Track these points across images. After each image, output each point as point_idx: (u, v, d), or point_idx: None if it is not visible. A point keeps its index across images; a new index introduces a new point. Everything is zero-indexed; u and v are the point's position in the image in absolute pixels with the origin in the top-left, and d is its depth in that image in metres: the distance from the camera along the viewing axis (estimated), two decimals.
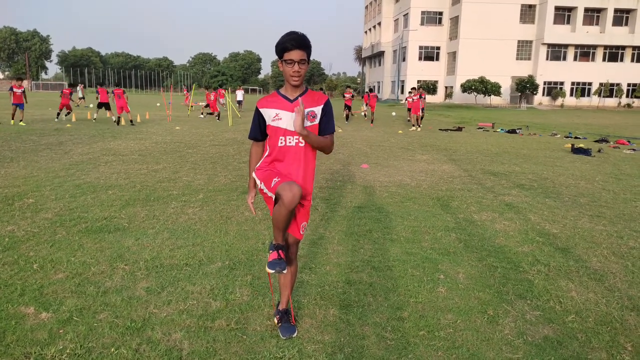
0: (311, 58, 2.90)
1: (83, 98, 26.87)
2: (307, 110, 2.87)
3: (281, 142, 2.88)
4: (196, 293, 3.62)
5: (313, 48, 2.84)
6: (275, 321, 3.13)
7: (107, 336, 2.98)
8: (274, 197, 2.81)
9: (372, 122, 23.08)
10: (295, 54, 2.72)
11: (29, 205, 6.02)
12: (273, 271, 2.85)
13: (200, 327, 3.11)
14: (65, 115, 21.15)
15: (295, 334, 3.04)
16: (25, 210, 5.78)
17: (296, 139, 2.88)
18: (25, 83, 18.56)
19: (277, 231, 2.93)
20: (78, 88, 27.01)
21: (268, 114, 2.89)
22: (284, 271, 2.89)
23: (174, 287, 3.73)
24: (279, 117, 2.86)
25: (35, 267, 4.02)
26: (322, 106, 2.93)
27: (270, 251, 2.97)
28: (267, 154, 2.98)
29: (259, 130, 2.96)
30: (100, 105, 20.23)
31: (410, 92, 21.80)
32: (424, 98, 21.64)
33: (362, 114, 28.54)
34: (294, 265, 3.16)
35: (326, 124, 2.94)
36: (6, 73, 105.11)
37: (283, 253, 2.94)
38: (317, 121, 2.92)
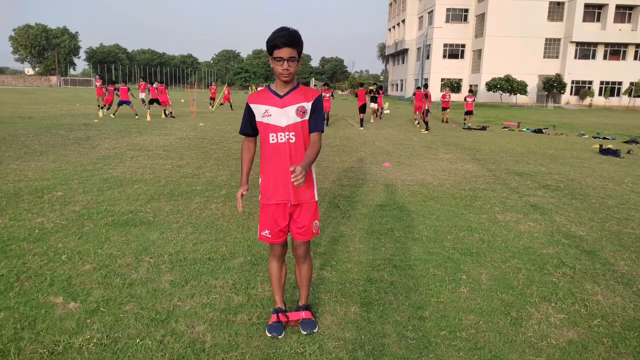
0: (334, 56, 2.90)
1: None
2: (297, 105, 2.83)
3: (272, 139, 2.84)
4: (219, 287, 3.67)
5: (336, 46, 2.97)
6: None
7: (133, 327, 3.05)
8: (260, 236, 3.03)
9: (379, 117, 24.50)
10: (284, 52, 2.66)
11: (58, 198, 6.18)
12: (270, 335, 2.97)
13: (223, 321, 3.16)
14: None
15: (316, 330, 3.06)
16: (54, 203, 5.94)
17: (287, 135, 2.83)
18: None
19: (274, 291, 3.18)
20: (155, 84, 27.65)
21: (258, 109, 2.86)
22: (280, 337, 2.98)
23: (198, 280, 3.79)
24: (269, 114, 2.82)
25: (64, 259, 4.13)
26: (312, 102, 2.87)
27: (272, 314, 3.11)
28: (263, 154, 2.93)
29: (250, 126, 2.94)
30: (151, 101, 21.84)
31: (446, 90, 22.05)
32: (429, 97, 20.62)
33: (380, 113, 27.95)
34: (307, 263, 3.11)
35: (315, 122, 2.87)
36: (36, 69, 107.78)
37: (283, 316, 3.07)
38: (306, 117, 2.86)
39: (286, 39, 2.65)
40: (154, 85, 22.34)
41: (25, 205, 5.80)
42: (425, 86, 21.34)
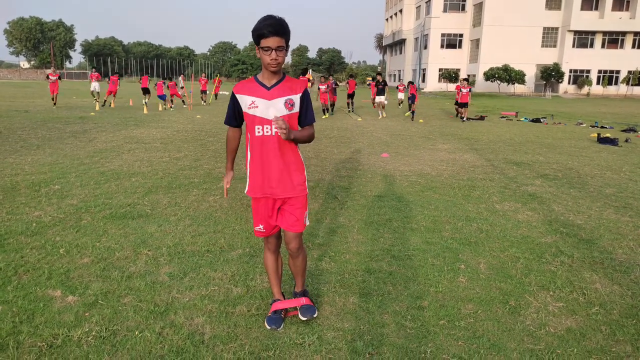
0: (331, 46, 2.85)
1: (183, 87, 27.05)
2: (285, 97, 2.77)
3: (258, 132, 2.78)
4: (217, 279, 3.67)
5: (333, 36, 2.88)
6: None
7: (132, 319, 3.04)
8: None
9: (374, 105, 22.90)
10: (272, 41, 2.58)
11: (55, 192, 6.16)
12: (269, 327, 2.98)
13: (222, 313, 3.16)
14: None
15: (315, 315, 3.06)
16: (51, 197, 5.92)
17: (274, 127, 2.77)
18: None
19: (272, 284, 3.19)
20: (180, 78, 27.51)
21: (244, 100, 2.78)
22: (279, 328, 2.97)
23: (196, 273, 3.78)
24: (255, 105, 2.75)
25: (62, 252, 4.12)
26: (300, 94, 2.81)
27: (271, 305, 3.12)
28: (249, 145, 2.88)
29: (234, 116, 2.88)
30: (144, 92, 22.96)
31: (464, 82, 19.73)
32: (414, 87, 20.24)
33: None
34: (301, 256, 3.08)
35: (306, 114, 2.86)
36: (32, 62, 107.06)
37: (282, 309, 3.10)
38: (295, 109, 2.81)
39: (274, 27, 2.57)
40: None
41: (22, 199, 5.78)
42: (411, 82, 21.14)
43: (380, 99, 20.66)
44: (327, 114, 20.31)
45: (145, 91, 23.35)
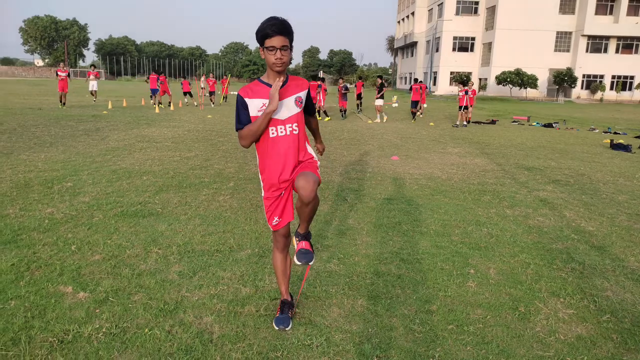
0: (342, 48, 2.85)
1: (204, 88, 27.14)
2: (294, 96, 2.81)
3: (272, 133, 2.78)
4: (226, 279, 3.69)
5: (345, 38, 2.84)
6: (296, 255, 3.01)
7: (141, 317, 3.07)
8: (271, 226, 2.99)
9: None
10: (276, 41, 2.61)
11: (68, 189, 6.23)
12: (277, 328, 2.97)
13: (231, 312, 3.17)
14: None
15: (312, 262, 2.96)
16: (64, 194, 5.98)
17: (290, 127, 2.79)
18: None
19: (279, 283, 3.18)
20: (202, 78, 27.51)
21: (254, 104, 2.76)
22: (287, 329, 2.97)
23: (205, 272, 3.80)
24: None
25: (74, 249, 4.16)
26: (306, 91, 2.90)
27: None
28: (262, 149, 2.85)
29: (248, 120, 2.77)
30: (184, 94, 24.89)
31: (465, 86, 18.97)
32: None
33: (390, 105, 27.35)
34: (314, 202, 2.84)
35: (311, 107, 3.01)
36: (46, 60, 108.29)
37: (290, 311, 3.10)
38: (303, 106, 2.88)
39: (277, 27, 2.60)
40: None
41: (35, 195, 5.85)
42: (416, 80, 21.30)
43: (378, 102, 20.15)
44: (327, 118, 20.11)
45: (187, 93, 24.86)
